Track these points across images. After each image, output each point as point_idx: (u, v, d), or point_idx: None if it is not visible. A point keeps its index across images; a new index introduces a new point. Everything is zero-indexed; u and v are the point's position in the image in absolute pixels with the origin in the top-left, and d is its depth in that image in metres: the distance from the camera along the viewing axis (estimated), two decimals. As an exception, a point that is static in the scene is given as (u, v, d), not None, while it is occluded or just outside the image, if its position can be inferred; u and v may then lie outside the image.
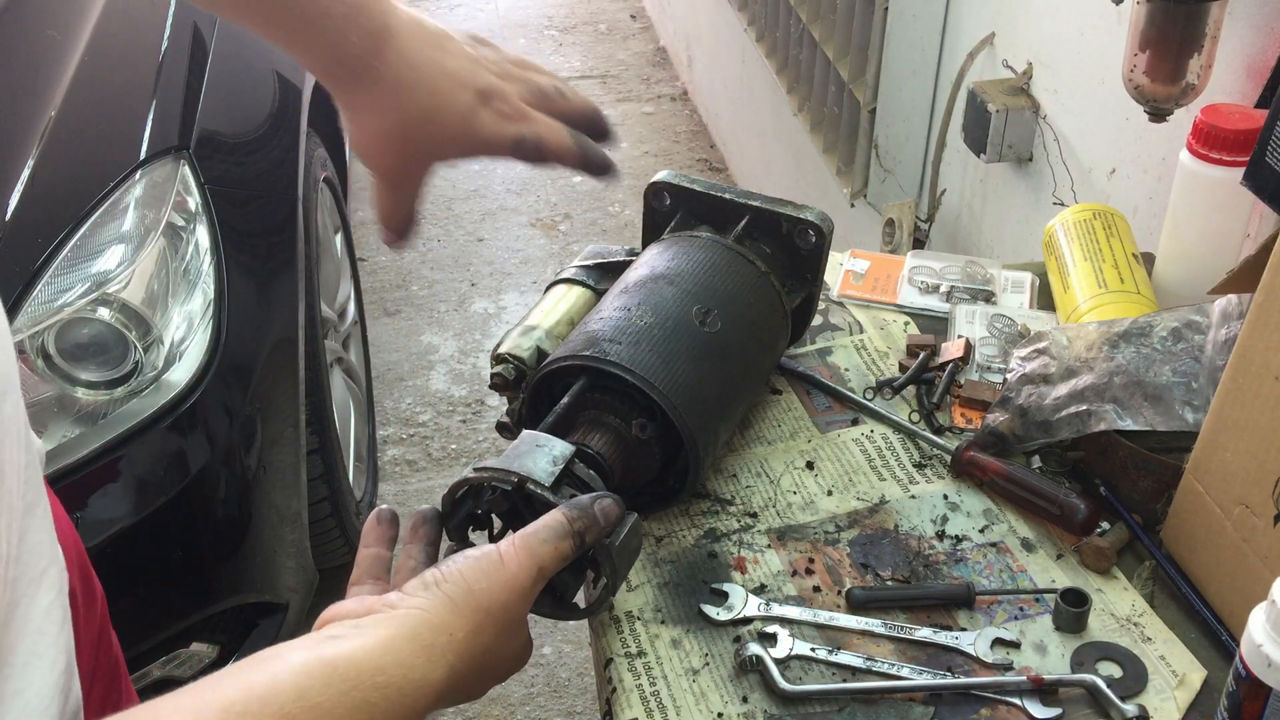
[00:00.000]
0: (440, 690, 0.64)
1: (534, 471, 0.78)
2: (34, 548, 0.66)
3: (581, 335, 0.92)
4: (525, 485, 0.78)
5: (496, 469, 0.78)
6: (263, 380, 1.72)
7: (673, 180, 1.05)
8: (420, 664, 0.64)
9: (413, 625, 0.65)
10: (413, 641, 0.64)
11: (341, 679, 0.60)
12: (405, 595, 0.67)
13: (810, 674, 0.83)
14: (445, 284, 3.23)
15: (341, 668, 0.61)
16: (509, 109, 0.86)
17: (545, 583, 0.72)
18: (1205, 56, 1.16)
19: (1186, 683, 0.81)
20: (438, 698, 0.65)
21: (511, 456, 0.80)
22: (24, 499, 0.65)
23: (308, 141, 2.13)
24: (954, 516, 0.94)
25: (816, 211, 1.01)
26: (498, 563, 0.70)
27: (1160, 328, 0.96)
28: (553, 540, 0.72)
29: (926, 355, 1.08)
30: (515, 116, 0.86)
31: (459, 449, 2.69)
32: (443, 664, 0.65)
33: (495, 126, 0.85)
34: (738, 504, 0.96)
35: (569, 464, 0.79)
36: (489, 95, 0.85)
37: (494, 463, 0.79)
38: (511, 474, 0.78)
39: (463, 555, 0.70)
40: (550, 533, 0.73)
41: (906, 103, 2.08)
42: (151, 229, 1.62)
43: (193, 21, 1.93)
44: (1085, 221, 1.16)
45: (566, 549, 0.73)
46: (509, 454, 0.80)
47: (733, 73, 3.39)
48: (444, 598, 0.67)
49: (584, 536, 0.74)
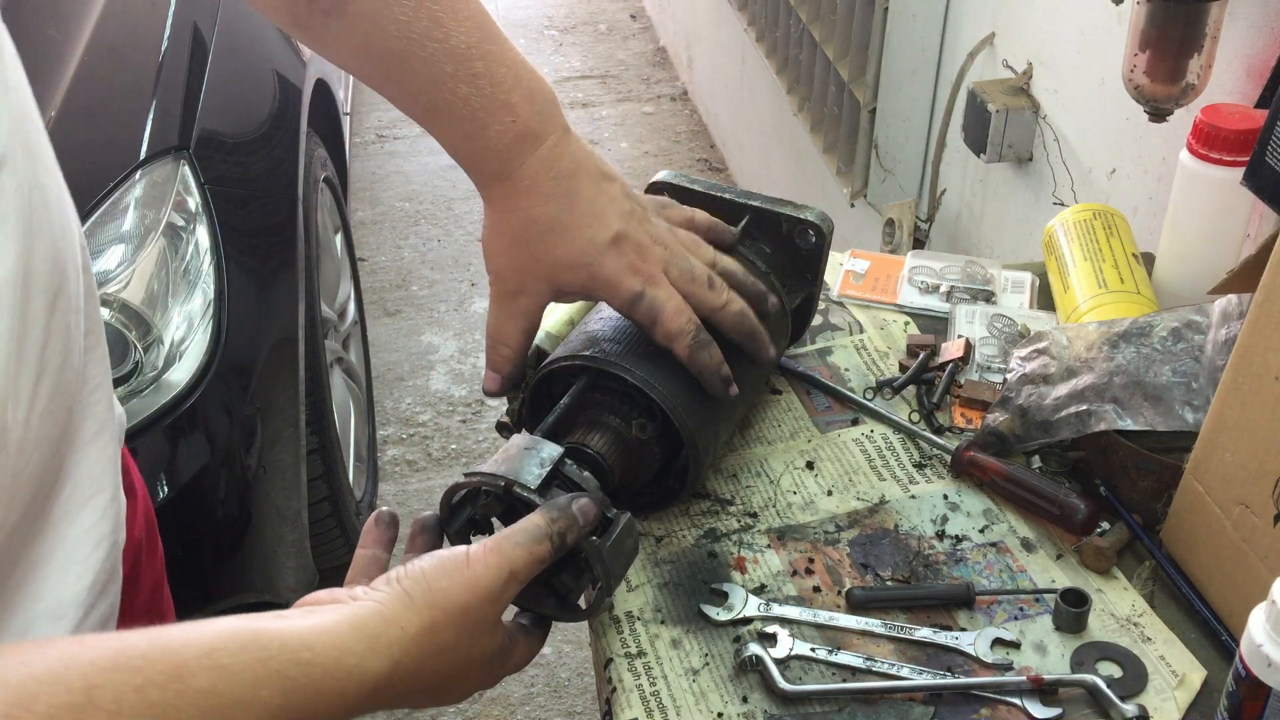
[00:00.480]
0: (378, 683, 0.63)
1: (521, 474, 0.77)
2: (88, 472, 0.70)
3: (581, 335, 0.92)
4: (512, 489, 0.77)
5: (485, 473, 0.78)
6: (263, 380, 1.72)
7: (673, 180, 1.05)
8: (360, 651, 0.62)
9: (362, 614, 0.64)
10: (356, 629, 0.63)
11: (260, 648, 0.58)
12: (368, 589, 0.66)
13: (810, 674, 0.83)
14: (445, 284, 3.23)
15: (264, 638, 0.59)
16: (643, 266, 0.85)
17: (519, 586, 0.70)
18: (1205, 56, 1.16)
19: (1186, 683, 0.81)
20: (374, 689, 0.63)
21: (500, 460, 0.79)
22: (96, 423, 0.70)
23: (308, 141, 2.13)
24: (954, 516, 0.94)
25: (816, 211, 1.01)
26: (462, 563, 0.68)
27: (1160, 328, 0.96)
28: (527, 543, 0.71)
29: (926, 355, 1.08)
30: (644, 274, 0.85)
31: (459, 449, 2.69)
32: (386, 656, 0.63)
33: (618, 272, 0.84)
34: (738, 504, 0.96)
35: (558, 465, 0.78)
36: (624, 242, 0.85)
37: (484, 467, 0.79)
38: (499, 478, 0.77)
39: (431, 555, 0.69)
40: (525, 535, 0.71)
41: (906, 103, 2.08)
42: (151, 229, 1.62)
43: (193, 21, 1.93)
44: (1085, 221, 1.16)
45: (542, 552, 0.71)
46: (498, 457, 0.80)
47: (733, 73, 3.39)
48: (401, 592, 0.66)
49: (564, 537, 0.72)
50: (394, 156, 3.74)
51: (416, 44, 0.80)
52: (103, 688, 0.51)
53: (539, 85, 0.85)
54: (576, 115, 4.03)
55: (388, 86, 0.84)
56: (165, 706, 0.53)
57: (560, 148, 0.85)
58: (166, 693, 0.53)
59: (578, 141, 0.87)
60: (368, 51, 0.82)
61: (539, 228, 0.84)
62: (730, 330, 0.89)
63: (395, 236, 3.43)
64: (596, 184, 0.85)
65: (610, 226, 0.84)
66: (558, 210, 0.84)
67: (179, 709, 0.53)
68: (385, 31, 0.80)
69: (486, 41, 0.82)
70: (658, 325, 0.85)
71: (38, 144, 0.65)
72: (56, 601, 0.67)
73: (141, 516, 0.87)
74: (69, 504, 0.69)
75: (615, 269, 0.84)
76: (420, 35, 0.80)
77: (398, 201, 3.57)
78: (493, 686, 0.75)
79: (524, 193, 0.84)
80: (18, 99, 0.62)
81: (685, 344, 0.85)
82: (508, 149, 0.83)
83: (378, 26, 0.80)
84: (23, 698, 0.49)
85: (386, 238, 3.42)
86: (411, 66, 0.81)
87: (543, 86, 0.85)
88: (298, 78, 2.17)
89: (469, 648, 0.69)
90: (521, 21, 4.65)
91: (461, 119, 0.82)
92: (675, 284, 0.86)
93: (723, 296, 0.88)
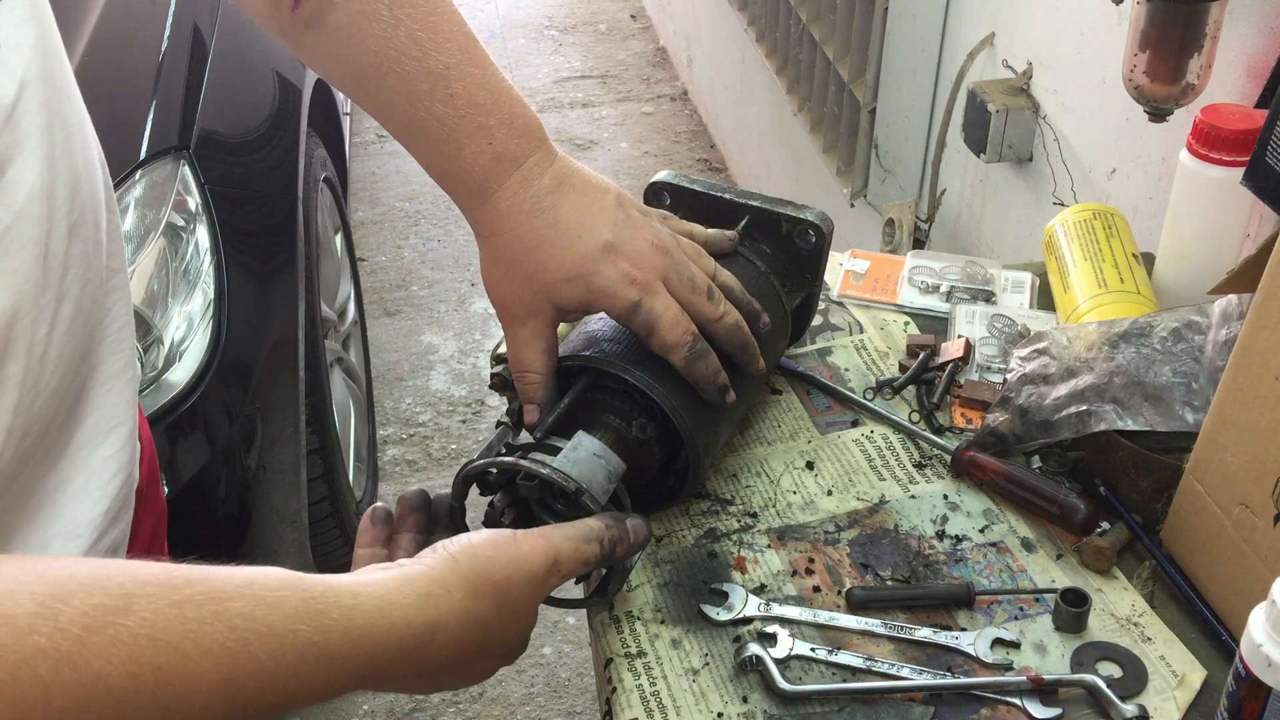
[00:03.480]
0: (419, 640, 0.63)
1: (593, 486, 0.78)
2: (112, 405, 0.74)
3: (581, 335, 0.92)
4: (581, 496, 0.78)
5: (556, 469, 0.78)
6: (263, 380, 1.72)
7: (672, 180, 1.05)
8: (405, 604, 0.62)
9: (410, 574, 0.65)
10: (404, 585, 0.63)
11: (305, 588, 0.59)
12: (415, 559, 0.67)
13: (810, 674, 0.83)
14: (445, 284, 3.23)
15: (308, 581, 0.59)
16: (639, 275, 0.84)
17: (560, 579, 0.71)
18: (1205, 56, 1.16)
19: (1186, 683, 0.81)
20: (414, 647, 0.63)
21: (571, 460, 0.79)
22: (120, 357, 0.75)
23: (308, 141, 2.13)
24: (954, 516, 0.94)
25: (816, 211, 1.01)
26: (510, 542, 0.69)
27: (1160, 328, 0.96)
28: (577, 539, 0.72)
29: (926, 355, 1.08)
30: (640, 284, 0.84)
31: (459, 449, 2.69)
32: (431, 614, 0.63)
33: (613, 281, 0.84)
34: (738, 504, 0.96)
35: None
36: (617, 250, 0.84)
37: (552, 461, 0.78)
38: (571, 479, 0.77)
39: (480, 531, 0.70)
40: (576, 532, 0.73)
41: (906, 103, 2.08)
42: (151, 229, 1.62)
43: (193, 21, 1.93)
44: (1085, 221, 1.16)
45: (590, 553, 0.73)
46: (567, 455, 0.79)
47: (733, 73, 3.39)
48: (449, 557, 0.67)
49: (615, 547, 0.74)
50: (394, 156, 3.74)
51: (393, 60, 0.80)
52: (141, 597, 0.52)
53: (521, 112, 0.84)
54: (576, 115, 4.03)
55: (366, 100, 0.84)
56: (200, 624, 0.53)
57: (540, 168, 0.84)
58: (203, 611, 0.54)
59: (563, 161, 0.86)
60: (345, 64, 0.83)
61: (526, 246, 0.84)
62: (723, 342, 0.88)
63: (395, 236, 3.43)
64: (583, 196, 0.85)
65: (600, 236, 0.84)
66: (542, 226, 0.83)
67: (213, 629, 0.54)
68: (362, 45, 0.81)
69: (468, 64, 0.82)
70: (654, 336, 0.85)
71: (62, 80, 0.67)
72: (74, 522, 0.70)
73: (146, 462, 0.89)
74: (93, 432, 0.72)
75: (610, 279, 0.84)
76: (397, 52, 0.80)
77: (398, 201, 3.57)
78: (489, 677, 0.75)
79: (504, 213, 0.84)
80: (43, 33, 0.65)
81: (681, 355, 0.85)
82: (484, 169, 0.83)
83: (355, 40, 0.81)
84: (61, 592, 0.50)
85: (386, 238, 3.42)
86: (388, 82, 0.81)
87: (525, 113, 0.85)
88: (298, 78, 2.17)
89: (506, 628, 0.69)
90: (521, 21, 4.65)
91: (437, 139, 0.83)
92: (674, 292, 0.85)
93: (720, 308, 0.88)
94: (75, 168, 0.67)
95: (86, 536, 0.71)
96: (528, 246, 0.84)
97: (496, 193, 0.83)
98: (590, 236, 0.84)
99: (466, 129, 0.82)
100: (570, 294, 0.85)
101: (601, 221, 0.84)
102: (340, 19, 0.80)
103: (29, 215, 0.61)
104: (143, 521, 0.88)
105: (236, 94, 1.97)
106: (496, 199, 0.83)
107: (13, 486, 0.65)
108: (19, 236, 0.60)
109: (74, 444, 0.71)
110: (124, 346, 0.76)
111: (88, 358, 0.71)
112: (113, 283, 0.74)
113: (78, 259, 0.67)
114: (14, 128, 0.60)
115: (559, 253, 0.83)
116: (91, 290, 0.69)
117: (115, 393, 0.74)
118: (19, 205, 0.60)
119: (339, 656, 0.59)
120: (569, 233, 0.84)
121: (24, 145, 0.61)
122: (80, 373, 0.70)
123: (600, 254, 0.84)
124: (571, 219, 0.84)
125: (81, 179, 0.67)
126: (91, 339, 0.71)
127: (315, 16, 0.81)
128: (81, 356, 0.69)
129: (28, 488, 0.67)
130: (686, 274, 0.86)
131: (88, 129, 0.72)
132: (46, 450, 0.68)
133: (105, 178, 0.73)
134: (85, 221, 0.67)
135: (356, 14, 0.80)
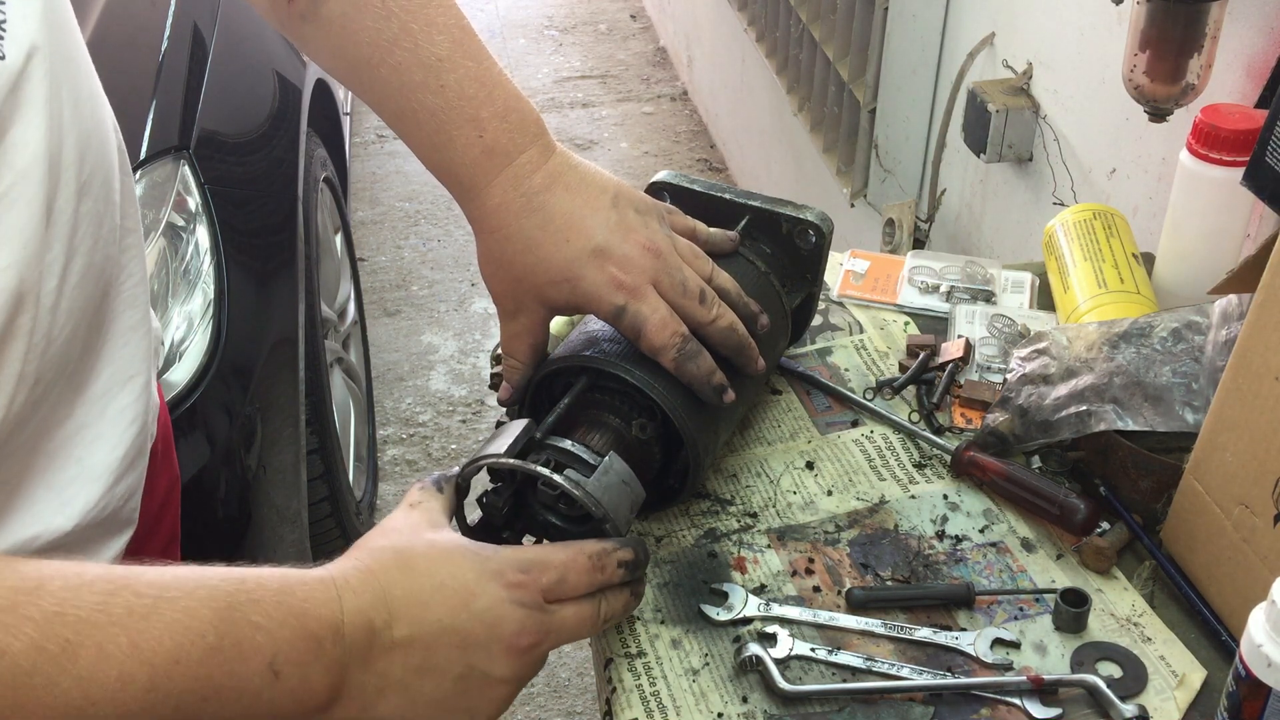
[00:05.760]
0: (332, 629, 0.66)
1: (618, 515, 0.78)
2: (129, 356, 0.77)
3: (581, 336, 0.92)
4: (604, 525, 0.78)
5: (589, 493, 0.77)
6: (263, 380, 1.72)
7: (672, 180, 1.05)
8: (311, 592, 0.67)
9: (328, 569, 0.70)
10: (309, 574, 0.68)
11: (217, 569, 0.64)
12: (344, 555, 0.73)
13: (810, 674, 0.83)
14: (445, 284, 3.23)
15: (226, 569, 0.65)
16: (626, 279, 0.84)
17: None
18: (1205, 56, 1.16)
19: (1186, 683, 0.81)
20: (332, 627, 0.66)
21: (602, 485, 0.78)
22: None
23: (308, 141, 2.13)
24: (954, 516, 0.94)
25: (816, 211, 1.01)
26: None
27: (1160, 328, 0.96)
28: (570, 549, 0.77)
29: (926, 355, 1.08)
30: (628, 288, 0.84)
31: (459, 449, 2.69)
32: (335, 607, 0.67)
33: (598, 286, 0.84)
34: (738, 504, 0.96)
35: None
36: (606, 254, 0.84)
37: (587, 483, 0.78)
38: (601, 506, 0.78)
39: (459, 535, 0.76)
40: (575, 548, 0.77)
41: (906, 103, 2.08)
42: (151, 229, 1.62)
43: (193, 21, 1.93)
44: (1085, 221, 1.16)
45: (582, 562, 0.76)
46: (599, 479, 0.78)
47: (733, 73, 3.39)
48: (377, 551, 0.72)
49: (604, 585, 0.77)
50: (394, 156, 3.74)
51: (385, 51, 0.82)
52: (54, 579, 0.57)
53: (516, 106, 0.84)
54: (576, 115, 4.03)
55: (362, 91, 0.86)
56: (109, 594, 0.59)
57: (533, 164, 0.84)
58: (114, 584, 0.59)
59: (561, 157, 0.86)
60: (341, 55, 0.84)
61: (516, 247, 0.84)
62: (718, 345, 0.88)
63: (395, 236, 3.43)
64: (576, 195, 0.85)
65: (590, 240, 0.84)
66: (531, 228, 0.84)
67: (122, 597, 0.59)
68: (356, 37, 0.82)
69: (461, 57, 0.83)
70: (642, 339, 0.85)
71: (73, 51, 0.70)
72: (93, 465, 0.74)
73: (161, 425, 0.91)
74: (110, 383, 0.76)
75: (596, 283, 0.84)
76: (389, 43, 0.81)
77: (398, 201, 3.57)
78: None
79: (494, 211, 0.84)
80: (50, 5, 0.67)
81: (670, 357, 0.85)
82: (474, 163, 0.83)
83: (349, 31, 0.82)
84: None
85: (386, 238, 3.42)
86: (380, 73, 0.83)
87: (521, 108, 0.85)
88: (298, 78, 2.17)
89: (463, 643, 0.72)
90: (521, 21, 4.65)
91: (428, 129, 0.83)
92: (665, 295, 0.85)
93: (712, 311, 0.87)
94: (85, 130, 0.69)
95: (104, 480, 0.75)
96: (517, 248, 0.84)
97: (487, 188, 0.84)
98: (579, 240, 0.84)
99: (457, 120, 0.82)
100: (559, 296, 0.85)
101: (593, 223, 0.84)
102: (334, 10, 0.82)
103: (32, 176, 0.63)
104: (160, 475, 0.91)
105: (236, 94, 1.97)
106: (487, 194, 0.84)
107: (29, 428, 0.68)
108: (23, 195, 0.63)
109: (91, 392, 0.74)
110: (139, 302, 0.78)
111: (102, 311, 0.74)
112: (127, 241, 0.76)
113: (88, 218, 0.69)
114: (17, 94, 0.63)
115: (547, 255, 0.84)
116: (104, 247, 0.72)
117: (131, 345, 0.77)
118: (22, 166, 0.63)
119: (260, 624, 0.63)
120: (558, 235, 0.84)
121: (27, 110, 0.63)
122: (95, 324, 0.73)
123: (588, 258, 0.84)
124: (562, 221, 0.84)
125: (91, 142, 0.70)
126: (106, 294, 0.74)
127: (311, 8, 0.83)
128: (95, 309, 0.73)
129: (46, 431, 0.70)
130: (678, 277, 0.86)
131: (99, 97, 0.74)
132: (61, 396, 0.71)
133: (119, 142, 0.76)
134: (95, 181, 0.70)
135: (350, 5, 0.82)
